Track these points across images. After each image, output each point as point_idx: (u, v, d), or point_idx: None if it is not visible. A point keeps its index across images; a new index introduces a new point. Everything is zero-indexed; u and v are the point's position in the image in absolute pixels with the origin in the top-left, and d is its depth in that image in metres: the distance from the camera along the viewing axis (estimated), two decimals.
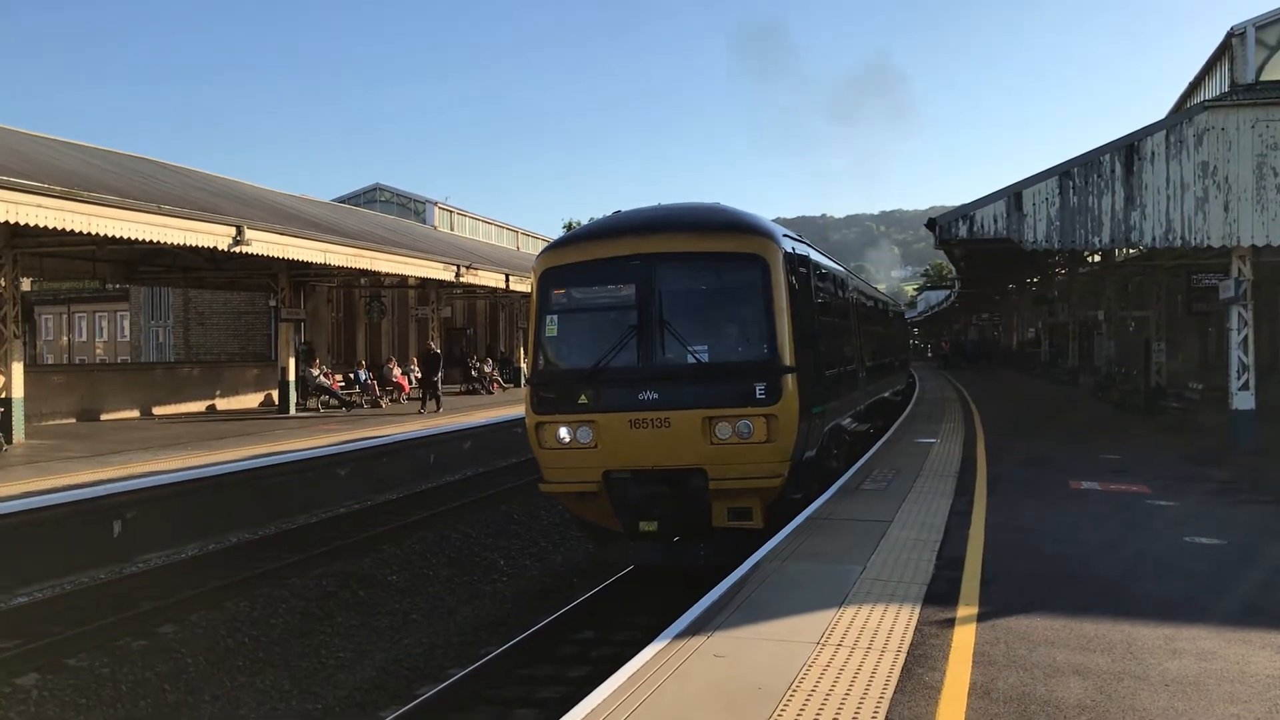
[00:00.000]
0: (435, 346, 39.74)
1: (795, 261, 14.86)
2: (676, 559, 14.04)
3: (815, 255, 17.77)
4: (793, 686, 7.21)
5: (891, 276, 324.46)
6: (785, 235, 15.16)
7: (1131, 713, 6.86)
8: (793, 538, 12.39)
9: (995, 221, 22.68)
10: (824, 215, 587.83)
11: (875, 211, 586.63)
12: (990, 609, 9.33)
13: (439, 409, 34.98)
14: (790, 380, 13.63)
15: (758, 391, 13.53)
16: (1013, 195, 22.64)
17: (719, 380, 13.73)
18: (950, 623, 8.89)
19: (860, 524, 13.21)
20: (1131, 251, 32.73)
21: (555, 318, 14.74)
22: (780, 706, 6.84)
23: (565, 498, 15.05)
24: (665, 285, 14.06)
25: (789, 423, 13.62)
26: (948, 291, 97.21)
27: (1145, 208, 22.25)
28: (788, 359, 13.67)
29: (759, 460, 13.57)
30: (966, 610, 9.29)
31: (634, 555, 14.64)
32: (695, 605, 9.36)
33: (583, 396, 14.11)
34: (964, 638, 8.47)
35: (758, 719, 6.65)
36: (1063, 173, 22.55)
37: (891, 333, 37.73)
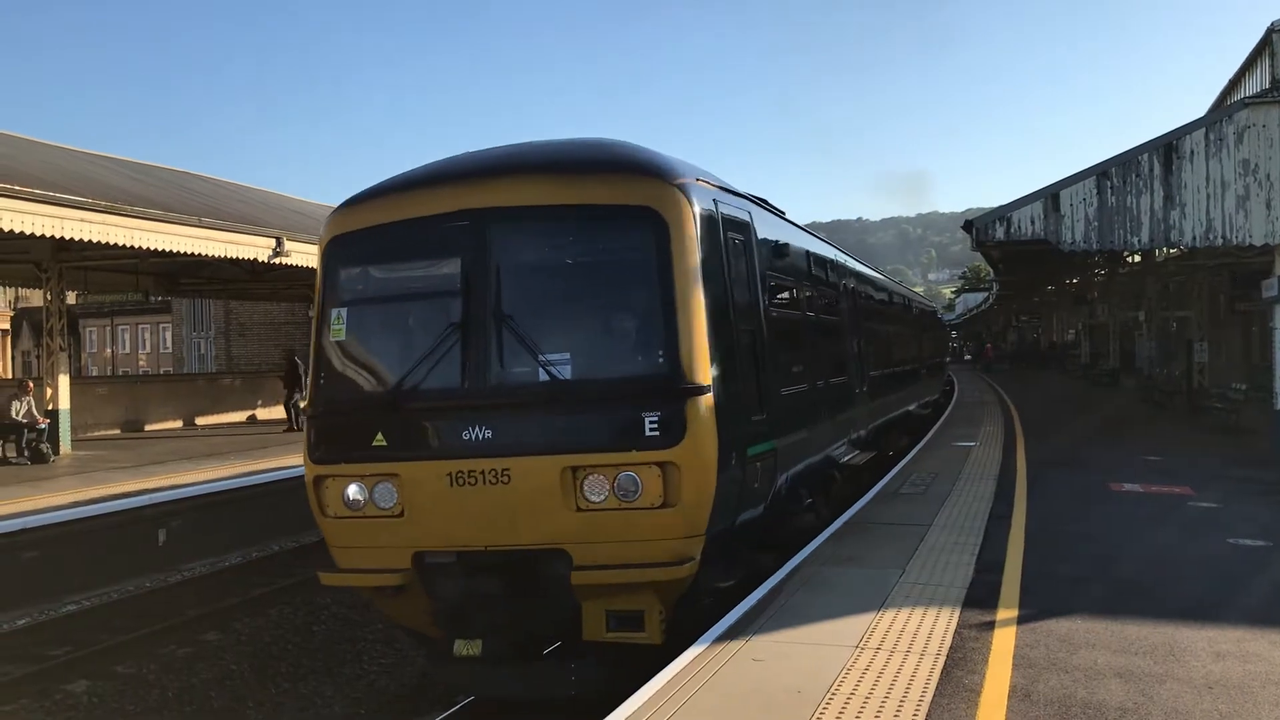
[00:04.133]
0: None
1: (725, 225, 10.10)
2: (530, 687, 9.66)
3: (770, 219, 12.71)
4: (831, 690, 7.22)
5: (929, 279, 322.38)
6: (707, 183, 10.24)
7: (1175, 715, 6.81)
8: (831, 542, 12.37)
9: (1032, 223, 22.53)
10: (861, 218, 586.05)
11: (912, 214, 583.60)
12: (1030, 612, 9.28)
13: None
14: (703, 406, 8.83)
15: (648, 425, 8.77)
16: (1050, 196, 22.48)
17: (588, 408, 9.07)
18: (990, 626, 8.85)
19: (899, 528, 13.17)
20: (1172, 251, 32.38)
21: (343, 313, 10.05)
22: (819, 710, 6.85)
23: (364, 592, 10.38)
24: (507, 258, 9.44)
25: (701, 472, 8.84)
26: (986, 294, 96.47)
27: (1185, 207, 22.02)
28: (699, 373, 8.88)
29: (652, 535, 8.83)
30: (1006, 613, 9.24)
31: (457, 678, 10.22)
32: (732, 610, 9.37)
33: (380, 436, 9.46)
34: (1004, 641, 8.44)
35: None
36: (1100, 173, 22.37)
37: (918, 335, 32.93)
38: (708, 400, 8.88)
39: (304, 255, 26.52)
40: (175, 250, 22.29)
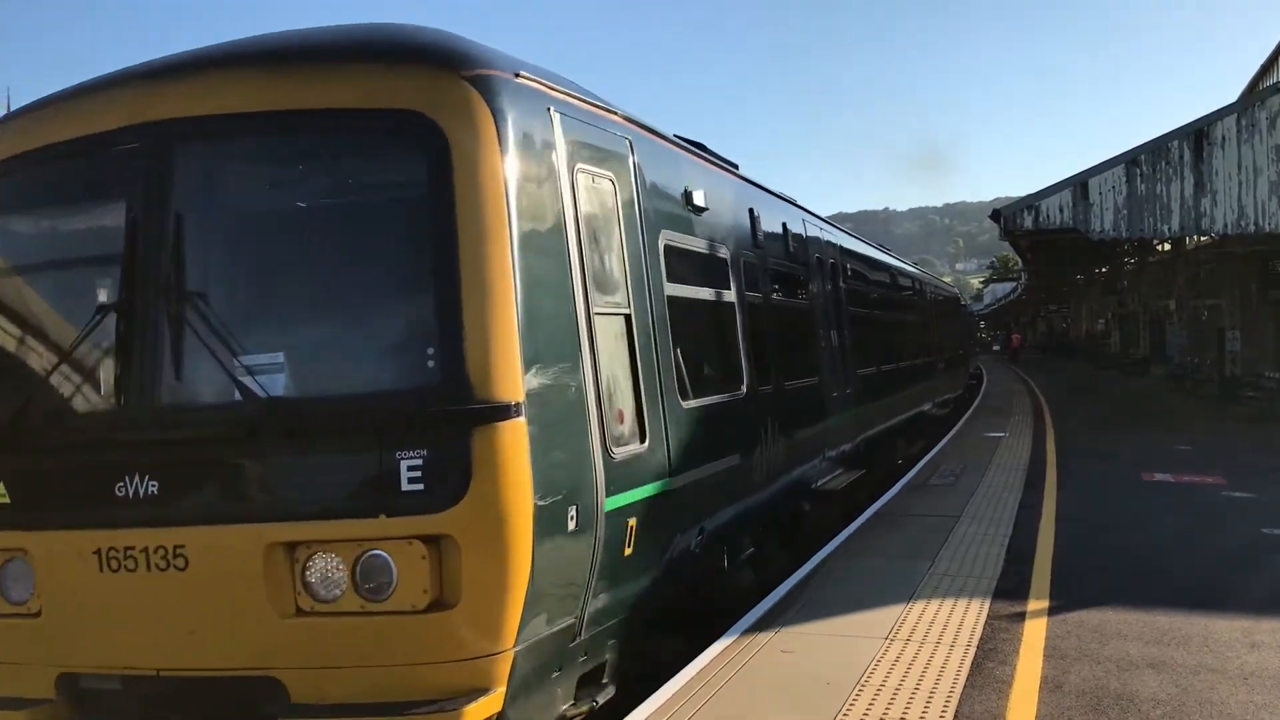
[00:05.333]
0: None
1: (574, 154, 6.85)
2: None
3: (675, 159, 9.45)
4: (861, 681, 7.21)
5: (956, 269, 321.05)
6: (539, 83, 6.72)
7: (1209, 706, 6.76)
8: (859, 535, 12.36)
9: (1061, 211, 22.43)
10: (887, 209, 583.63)
11: (940, 204, 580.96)
12: (1061, 602, 9.23)
13: None
14: (505, 439, 5.70)
15: (406, 473, 5.64)
16: (1078, 185, 22.36)
17: (312, 446, 5.88)
18: (1021, 616, 8.81)
19: (928, 519, 13.14)
20: (1203, 239, 32.09)
21: None
22: (849, 702, 6.84)
23: None
24: (194, 198, 6.35)
25: (497, 549, 5.69)
26: (1014, 284, 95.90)
27: (1216, 194, 21.85)
28: (499, 383, 5.73)
29: (417, 655, 5.71)
30: (1037, 604, 9.20)
31: None
32: (761, 603, 9.40)
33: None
34: (1035, 631, 8.40)
35: (826, 714, 6.65)
36: (1129, 160, 22.22)
37: (933, 324, 29.29)
38: (514, 429, 5.66)
39: None
40: None
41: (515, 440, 5.71)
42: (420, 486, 5.57)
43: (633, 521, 7.01)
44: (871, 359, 17.69)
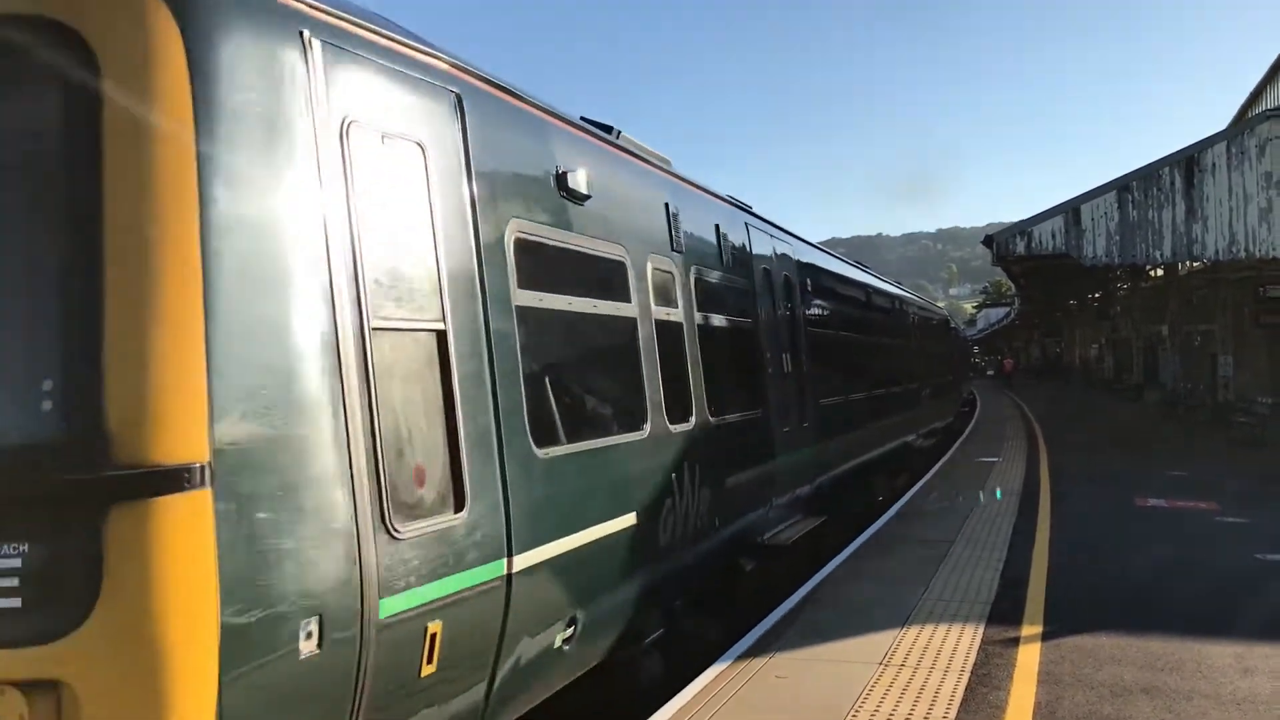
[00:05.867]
0: None
1: (339, 92, 4.99)
2: None
3: (535, 125, 7.35)
4: (855, 707, 7.19)
5: (950, 294, 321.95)
6: None
7: None
8: (854, 559, 12.36)
9: (1053, 237, 22.54)
10: (880, 234, 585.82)
11: (933, 229, 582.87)
12: (1055, 628, 9.23)
13: None
14: (172, 522, 3.84)
15: None
16: (1071, 210, 22.50)
17: None
18: (1015, 642, 8.81)
19: (923, 544, 13.14)
20: (1194, 264, 32.24)
21: None
22: None
23: None
24: None
25: (159, 701, 3.75)
26: (1007, 309, 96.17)
27: (1207, 220, 22.00)
28: (171, 435, 3.88)
29: None
30: (1031, 629, 9.20)
31: None
32: (756, 627, 9.38)
33: None
34: (1028, 657, 8.40)
35: None
36: (1121, 187, 22.36)
37: (917, 348, 26.86)
38: (187, 507, 3.87)
39: None
40: None
41: (187, 524, 3.79)
42: (16, 602, 3.66)
43: (436, 627, 5.04)
44: (838, 387, 15.70)
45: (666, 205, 9.35)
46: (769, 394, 11.78)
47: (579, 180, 7.33)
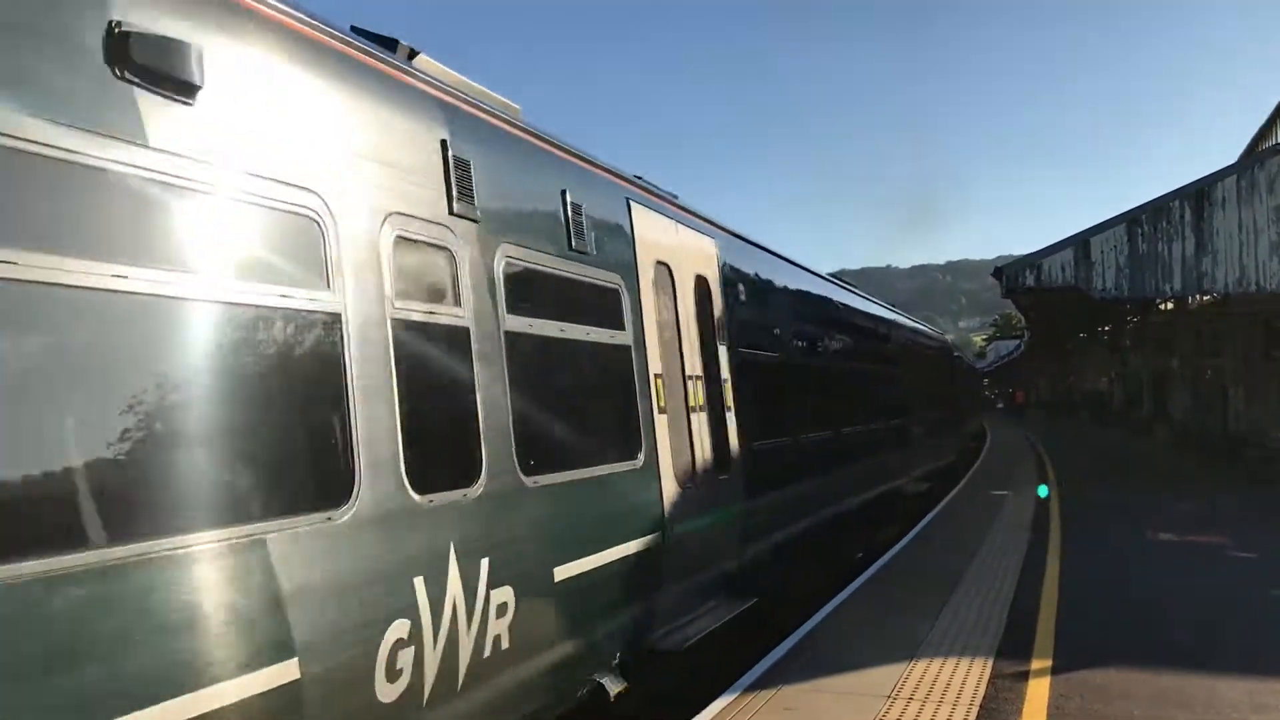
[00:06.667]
0: None
1: None
2: None
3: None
4: None
5: (959, 326, 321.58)
6: None
7: None
8: (863, 591, 12.32)
9: (1063, 270, 22.53)
10: (889, 265, 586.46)
11: (942, 261, 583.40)
12: (1064, 662, 9.16)
13: None
14: None
15: None
16: (1080, 244, 22.50)
17: None
18: (1024, 676, 8.76)
19: (932, 576, 13.09)
20: (1205, 298, 32.20)
21: None
22: None
23: None
24: None
25: None
26: (1018, 341, 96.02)
27: (1217, 253, 21.97)
28: None
29: None
30: (1040, 663, 9.14)
31: None
32: (764, 659, 9.34)
33: None
34: (1038, 691, 8.34)
35: None
36: (1131, 220, 22.37)
37: (907, 377, 23.50)
38: None
39: None
40: None
41: None
42: None
43: None
44: (782, 425, 12.62)
45: (445, 145, 6.22)
46: (655, 437, 8.63)
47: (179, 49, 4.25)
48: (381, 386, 5.28)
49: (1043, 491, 16.73)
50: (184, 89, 4.28)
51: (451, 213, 6.14)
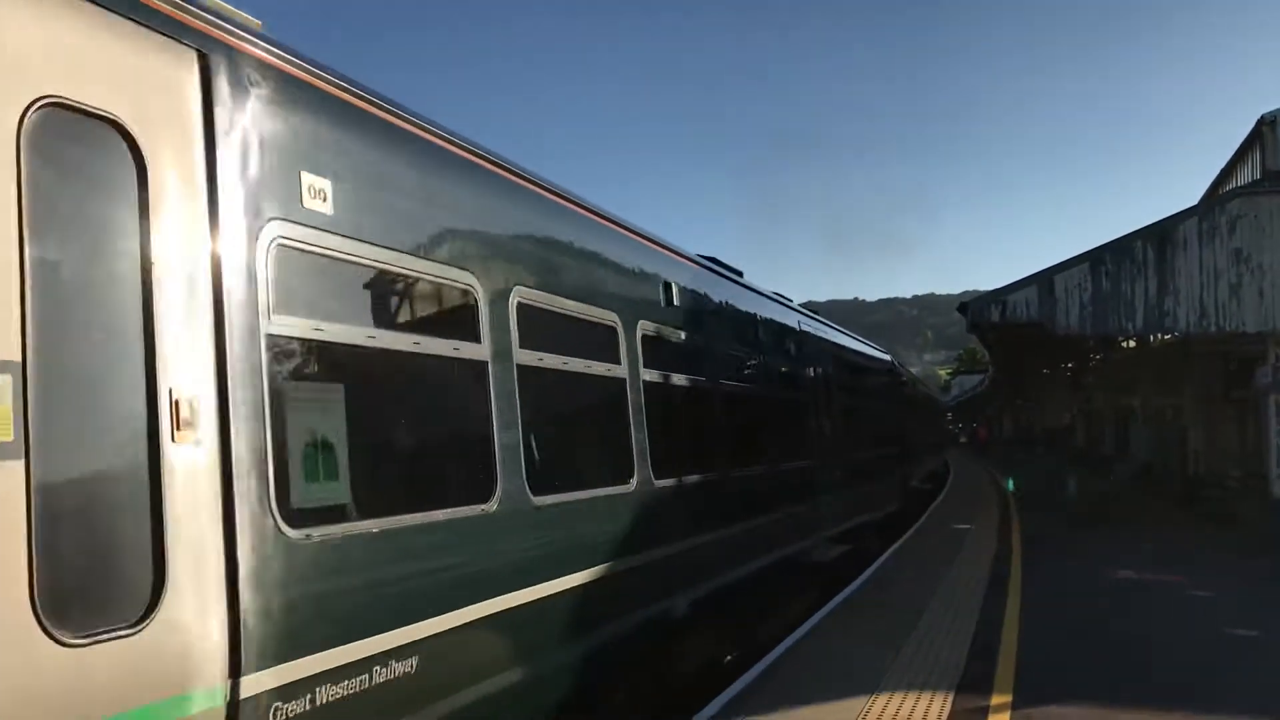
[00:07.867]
0: None
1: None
2: None
3: None
4: None
5: (925, 359, 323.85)
6: None
7: None
8: (826, 624, 12.33)
9: (1028, 306, 22.73)
10: (856, 298, 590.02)
11: (909, 295, 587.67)
12: (1024, 698, 9.18)
13: None
14: None
15: None
16: (1045, 281, 22.71)
17: None
18: (984, 711, 8.77)
19: (894, 610, 13.11)
20: (1166, 337, 32.59)
21: None
22: None
23: None
24: None
25: None
26: (982, 376, 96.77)
27: (1179, 293, 22.24)
28: None
29: None
30: (1000, 699, 9.16)
31: None
32: (726, 690, 9.31)
33: None
34: None
35: None
36: (1095, 259, 22.63)
37: (832, 404, 17.38)
38: None
39: None
40: None
41: None
42: None
43: None
44: (575, 466, 8.25)
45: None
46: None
47: None
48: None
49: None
50: None
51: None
